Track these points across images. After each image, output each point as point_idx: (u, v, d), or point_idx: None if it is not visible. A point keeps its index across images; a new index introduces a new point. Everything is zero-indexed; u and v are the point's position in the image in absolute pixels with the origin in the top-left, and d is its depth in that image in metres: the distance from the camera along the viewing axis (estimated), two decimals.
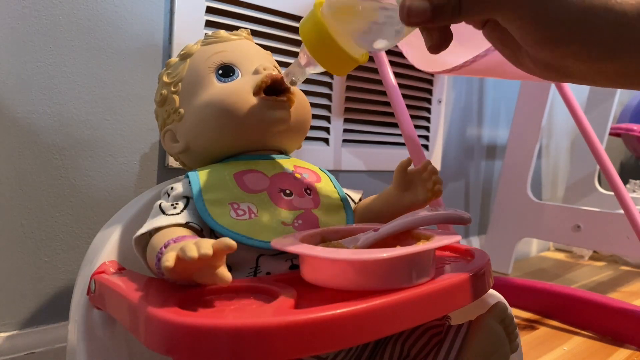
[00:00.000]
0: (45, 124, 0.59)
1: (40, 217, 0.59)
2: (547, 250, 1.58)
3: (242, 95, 0.44)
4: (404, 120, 0.77)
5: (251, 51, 0.49)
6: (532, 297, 0.94)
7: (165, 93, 0.48)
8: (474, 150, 1.29)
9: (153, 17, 0.67)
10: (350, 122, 0.95)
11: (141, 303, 0.29)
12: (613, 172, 0.94)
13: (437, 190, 0.46)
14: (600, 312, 0.84)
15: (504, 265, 1.24)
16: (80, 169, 0.62)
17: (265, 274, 0.39)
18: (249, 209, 0.40)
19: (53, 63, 0.59)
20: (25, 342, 0.58)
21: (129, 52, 0.65)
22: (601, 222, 1.08)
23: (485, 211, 1.35)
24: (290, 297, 0.29)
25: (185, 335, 0.25)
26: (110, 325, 0.41)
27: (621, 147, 1.80)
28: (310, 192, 0.45)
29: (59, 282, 0.61)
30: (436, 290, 0.32)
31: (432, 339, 0.40)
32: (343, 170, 0.94)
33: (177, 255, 0.28)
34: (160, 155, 0.69)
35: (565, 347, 0.77)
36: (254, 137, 0.45)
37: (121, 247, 0.44)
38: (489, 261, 0.40)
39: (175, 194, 0.41)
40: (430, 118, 1.09)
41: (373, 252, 0.30)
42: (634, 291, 1.11)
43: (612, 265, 1.39)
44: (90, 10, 0.61)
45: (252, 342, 0.25)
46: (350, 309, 0.27)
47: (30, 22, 0.57)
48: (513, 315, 0.40)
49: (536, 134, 1.21)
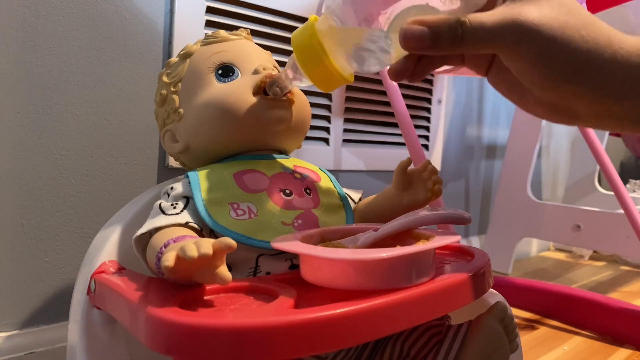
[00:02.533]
0: (45, 124, 0.59)
1: (40, 217, 0.59)
2: (547, 250, 1.58)
3: (241, 95, 0.44)
4: (404, 120, 0.77)
5: (251, 51, 0.49)
6: (532, 297, 0.94)
7: (165, 93, 0.48)
8: (474, 150, 1.29)
9: (153, 17, 0.67)
10: (350, 122, 0.95)
11: (141, 303, 0.29)
12: (613, 172, 0.94)
13: (437, 190, 0.46)
14: (600, 312, 0.84)
15: (504, 265, 1.24)
16: (80, 169, 0.62)
17: (265, 273, 0.39)
18: (249, 208, 0.40)
19: (53, 63, 0.59)
20: (25, 342, 0.58)
21: (129, 52, 0.65)
22: (601, 222, 1.08)
23: (485, 211, 1.35)
24: (290, 297, 0.29)
25: (185, 335, 0.25)
26: (110, 325, 0.41)
27: (621, 147, 1.80)
28: (310, 191, 0.45)
29: (59, 282, 0.61)
30: (436, 290, 0.32)
31: (432, 338, 0.40)
32: (343, 170, 0.94)
33: (177, 255, 0.28)
34: (160, 155, 0.69)
35: (565, 347, 0.77)
36: (253, 136, 0.45)
37: (121, 247, 0.44)
38: (489, 261, 0.40)
39: (175, 193, 0.41)
40: (430, 118, 1.09)
41: (373, 252, 0.30)
42: (634, 291, 1.11)
43: (612, 265, 1.39)
44: (90, 10, 0.61)
45: (252, 342, 0.25)
46: (350, 309, 0.27)
47: (30, 22, 0.57)
48: (513, 315, 0.40)
49: (536, 134, 1.21)
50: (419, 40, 0.29)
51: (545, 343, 0.79)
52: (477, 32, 0.28)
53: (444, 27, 0.29)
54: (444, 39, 0.29)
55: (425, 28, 0.29)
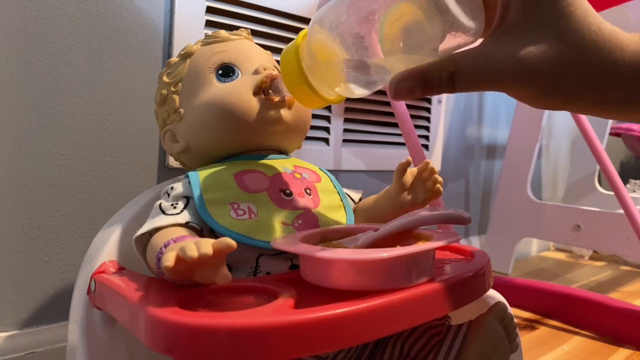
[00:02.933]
0: (45, 124, 0.59)
1: (40, 217, 0.59)
2: (547, 250, 1.58)
3: (242, 95, 0.44)
4: (404, 120, 0.77)
5: (251, 51, 0.49)
6: (532, 297, 0.94)
7: (166, 93, 0.48)
8: (474, 150, 1.29)
9: (153, 17, 0.67)
10: (350, 122, 0.95)
11: (141, 303, 0.29)
12: (613, 172, 0.94)
13: (437, 190, 0.46)
14: (600, 312, 0.84)
15: (504, 265, 1.24)
16: (80, 169, 0.62)
17: (265, 273, 0.39)
18: (249, 208, 0.40)
19: (53, 63, 0.59)
20: (25, 342, 0.58)
21: (129, 52, 0.65)
22: (601, 222, 1.08)
23: (485, 211, 1.35)
24: (290, 297, 0.29)
25: (185, 335, 0.25)
26: (110, 325, 0.41)
27: (621, 147, 1.80)
28: (310, 192, 0.45)
29: (59, 282, 0.61)
30: (436, 290, 0.32)
31: (432, 338, 0.40)
32: (343, 170, 0.94)
33: (177, 255, 0.28)
34: (160, 155, 0.69)
35: (565, 347, 0.77)
36: (254, 136, 0.45)
37: (121, 246, 0.44)
38: (489, 261, 0.40)
39: (175, 193, 0.41)
40: (430, 118, 1.09)
41: (373, 252, 0.30)
42: (634, 291, 1.11)
43: (612, 265, 1.39)
44: (90, 10, 0.61)
45: (252, 342, 0.25)
46: (350, 309, 0.27)
47: (30, 22, 0.57)
48: (513, 315, 0.40)
49: (536, 134, 1.21)
50: (409, 94, 0.29)
51: (545, 343, 0.79)
52: (468, 80, 0.28)
53: (435, 80, 0.28)
54: (435, 88, 0.29)
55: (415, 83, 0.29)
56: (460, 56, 0.28)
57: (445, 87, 0.28)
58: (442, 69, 0.28)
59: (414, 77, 0.29)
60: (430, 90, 0.29)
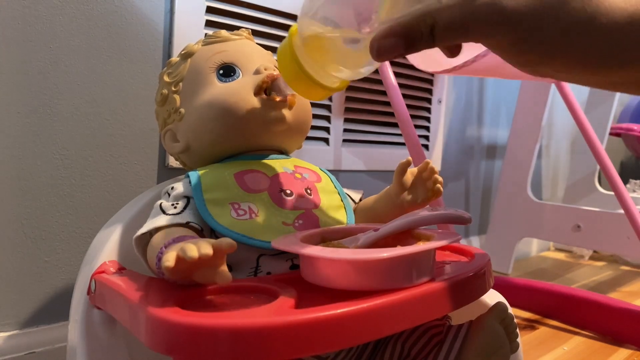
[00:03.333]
0: (45, 123, 0.59)
1: (40, 217, 0.59)
2: (547, 250, 1.58)
3: (243, 95, 0.44)
4: (404, 120, 0.77)
5: (252, 51, 0.49)
6: (532, 297, 0.94)
7: (166, 93, 0.48)
8: (474, 150, 1.29)
9: (153, 17, 0.67)
10: (350, 122, 0.95)
11: (141, 303, 0.29)
12: (613, 172, 0.94)
13: (437, 190, 0.46)
14: (600, 312, 0.84)
15: (504, 265, 1.24)
16: (80, 169, 0.62)
17: (266, 273, 0.39)
18: (250, 208, 0.40)
19: (53, 63, 0.59)
20: (25, 342, 0.58)
21: (129, 52, 0.65)
22: (601, 222, 1.08)
23: (485, 211, 1.35)
24: (290, 297, 0.29)
25: (185, 335, 0.25)
26: (110, 325, 0.41)
27: (621, 147, 1.79)
28: (310, 192, 0.45)
29: (59, 282, 0.61)
30: (436, 290, 0.32)
31: (432, 339, 0.40)
32: (343, 170, 0.94)
33: (177, 255, 0.28)
34: (160, 155, 0.69)
35: (565, 347, 0.77)
36: (254, 137, 0.45)
37: (121, 247, 0.44)
38: (489, 261, 0.40)
39: (176, 193, 0.41)
40: (430, 118, 1.09)
41: (373, 252, 0.30)
42: (634, 291, 1.11)
43: (612, 265, 1.39)
44: (90, 10, 0.61)
45: (252, 342, 0.25)
46: (350, 309, 0.27)
47: (30, 22, 0.57)
48: (513, 315, 0.40)
49: (536, 134, 1.21)
50: (392, 51, 0.29)
51: (545, 343, 0.79)
52: (446, 31, 0.28)
53: (417, 34, 0.28)
54: (417, 43, 0.28)
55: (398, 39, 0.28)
56: (438, 9, 0.28)
57: (426, 42, 0.28)
58: (422, 23, 0.28)
59: (396, 34, 0.29)
60: (412, 46, 0.28)
